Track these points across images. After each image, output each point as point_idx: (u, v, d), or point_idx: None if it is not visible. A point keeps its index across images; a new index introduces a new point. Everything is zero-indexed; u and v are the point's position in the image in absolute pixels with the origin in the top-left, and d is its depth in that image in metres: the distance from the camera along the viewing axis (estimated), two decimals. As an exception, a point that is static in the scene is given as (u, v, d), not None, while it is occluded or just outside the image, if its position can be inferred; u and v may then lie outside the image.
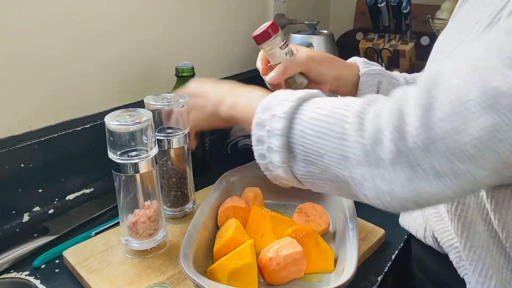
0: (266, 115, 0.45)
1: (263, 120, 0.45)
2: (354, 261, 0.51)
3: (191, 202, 0.71)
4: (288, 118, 0.43)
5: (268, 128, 0.44)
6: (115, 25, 0.81)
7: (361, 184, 0.39)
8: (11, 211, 0.70)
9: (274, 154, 0.44)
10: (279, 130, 0.43)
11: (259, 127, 0.46)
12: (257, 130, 0.46)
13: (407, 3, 1.13)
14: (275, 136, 0.43)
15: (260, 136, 0.45)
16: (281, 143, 0.43)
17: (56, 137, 0.73)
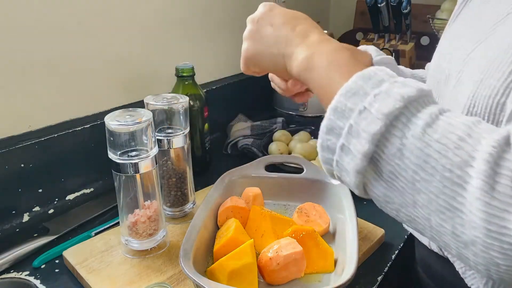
0: (353, 104, 0.34)
1: (347, 108, 0.35)
2: (354, 261, 0.51)
3: (191, 202, 0.71)
4: (387, 123, 0.33)
5: (352, 123, 0.34)
6: (115, 25, 0.81)
7: (466, 245, 0.31)
8: (11, 211, 0.70)
9: (350, 157, 0.35)
10: (369, 134, 0.33)
11: (338, 114, 0.35)
12: (334, 117, 0.35)
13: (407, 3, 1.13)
14: (361, 138, 0.33)
15: (336, 127, 0.35)
16: (366, 150, 0.33)
17: (56, 137, 0.73)
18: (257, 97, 1.19)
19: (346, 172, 0.36)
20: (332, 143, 0.36)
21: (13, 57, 0.68)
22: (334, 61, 0.41)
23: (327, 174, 0.40)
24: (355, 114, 0.34)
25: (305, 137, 0.96)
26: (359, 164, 0.34)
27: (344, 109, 0.35)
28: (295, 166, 0.78)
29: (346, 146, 0.35)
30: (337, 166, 0.37)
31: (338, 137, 0.35)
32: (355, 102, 0.34)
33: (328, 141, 0.36)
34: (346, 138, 0.35)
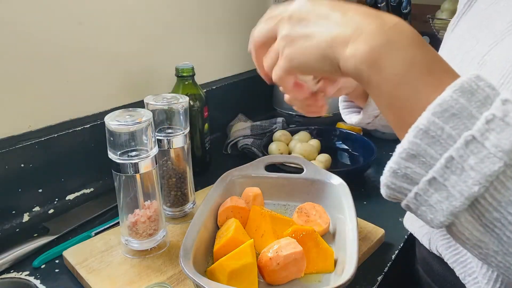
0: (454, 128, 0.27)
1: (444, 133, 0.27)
2: (354, 261, 0.51)
3: (191, 202, 0.71)
4: (508, 163, 0.26)
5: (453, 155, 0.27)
6: (115, 25, 0.81)
7: None
8: (11, 211, 0.70)
9: (443, 196, 0.28)
10: (481, 175, 0.26)
11: (428, 138, 0.28)
12: (422, 142, 0.28)
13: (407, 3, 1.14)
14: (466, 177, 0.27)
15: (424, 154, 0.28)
16: (473, 194, 0.27)
17: (56, 137, 0.73)
18: (257, 97, 1.19)
19: (431, 209, 0.29)
20: (414, 173, 0.29)
21: (13, 57, 0.68)
22: (414, 61, 0.30)
23: (386, 197, 0.32)
24: (458, 144, 0.27)
25: (305, 137, 0.96)
26: (457, 206, 0.27)
27: (440, 134, 0.27)
28: (295, 166, 0.78)
29: (440, 182, 0.28)
30: (416, 199, 0.30)
31: (427, 168, 0.28)
32: (457, 127, 0.27)
33: (408, 169, 0.29)
34: (441, 172, 0.27)
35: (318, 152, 0.92)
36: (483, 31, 0.50)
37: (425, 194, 0.29)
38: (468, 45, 0.50)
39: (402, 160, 0.29)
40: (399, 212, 0.73)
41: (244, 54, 1.17)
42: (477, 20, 0.53)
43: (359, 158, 0.94)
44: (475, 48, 0.48)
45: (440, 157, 0.27)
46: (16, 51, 0.68)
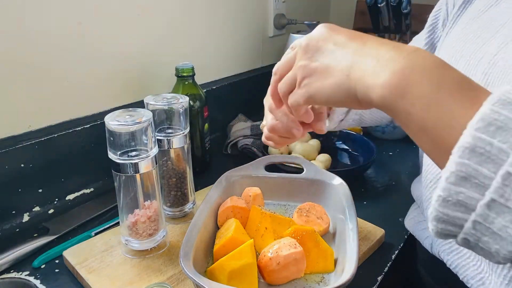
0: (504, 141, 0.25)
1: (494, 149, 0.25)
2: (354, 261, 0.51)
3: (191, 202, 0.71)
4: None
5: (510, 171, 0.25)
6: (115, 25, 0.81)
7: None
8: (11, 211, 0.70)
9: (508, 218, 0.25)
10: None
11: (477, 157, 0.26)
12: (473, 162, 0.26)
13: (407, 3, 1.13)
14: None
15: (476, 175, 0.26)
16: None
17: (56, 137, 0.73)
18: (257, 97, 1.19)
19: (496, 237, 0.26)
20: (469, 198, 0.26)
21: (13, 57, 0.68)
22: (442, 81, 0.28)
23: (435, 236, 0.29)
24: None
25: (305, 137, 0.96)
26: None
27: (490, 150, 0.25)
28: (295, 166, 0.78)
29: (501, 203, 0.25)
30: (474, 229, 0.27)
31: (482, 190, 0.25)
32: (506, 140, 0.25)
33: (460, 194, 0.26)
34: (500, 192, 0.25)
35: (318, 152, 0.92)
36: (489, 32, 0.49)
37: (486, 221, 0.26)
38: (473, 46, 0.50)
39: (452, 185, 0.26)
40: (399, 212, 0.73)
41: (245, 54, 1.17)
42: (478, 22, 0.53)
43: (359, 158, 0.94)
44: (482, 49, 0.48)
45: (495, 175, 0.25)
46: (16, 51, 0.68)
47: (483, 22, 0.52)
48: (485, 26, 0.51)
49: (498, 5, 0.51)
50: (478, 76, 0.47)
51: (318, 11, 1.49)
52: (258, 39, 1.21)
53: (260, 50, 1.23)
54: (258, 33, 1.21)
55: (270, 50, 1.27)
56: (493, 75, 0.45)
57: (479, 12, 0.54)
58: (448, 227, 0.28)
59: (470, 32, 0.53)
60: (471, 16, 0.55)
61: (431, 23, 0.66)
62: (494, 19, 0.50)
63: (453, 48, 0.54)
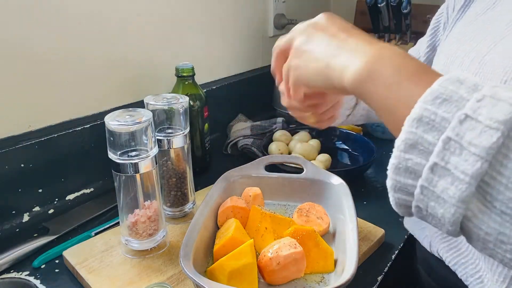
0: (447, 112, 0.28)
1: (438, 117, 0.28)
2: (354, 261, 0.51)
3: (191, 202, 0.71)
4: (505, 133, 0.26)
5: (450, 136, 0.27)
6: (115, 25, 0.81)
7: None
8: (11, 211, 0.70)
9: (448, 181, 0.27)
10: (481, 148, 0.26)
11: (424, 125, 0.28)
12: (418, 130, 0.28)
13: (407, 3, 1.14)
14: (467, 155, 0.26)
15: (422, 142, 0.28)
16: (477, 171, 0.26)
17: (56, 137, 0.73)
18: (257, 97, 1.19)
19: (440, 201, 0.28)
20: (416, 164, 0.28)
21: (13, 57, 0.68)
22: (405, 66, 0.33)
23: (395, 207, 0.32)
24: (453, 124, 0.27)
25: (305, 137, 0.96)
26: (464, 188, 0.26)
27: (434, 119, 0.27)
28: (295, 166, 0.78)
29: (442, 166, 0.27)
30: (422, 193, 0.29)
31: (426, 155, 0.28)
32: (449, 110, 0.27)
33: (409, 161, 0.29)
34: (441, 155, 0.27)
35: (318, 152, 0.92)
36: (482, 33, 0.50)
37: (431, 185, 0.28)
38: (467, 48, 0.51)
39: (402, 152, 0.29)
40: (399, 212, 0.73)
41: (245, 54, 1.17)
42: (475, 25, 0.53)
43: (359, 158, 0.94)
44: (475, 50, 0.49)
45: (437, 141, 0.27)
46: (16, 51, 0.68)
47: (478, 24, 0.53)
48: (480, 28, 0.52)
49: (494, 9, 0.52)
50: None
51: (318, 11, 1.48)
52: (258, 39, 1.21)
53: (260, 50, 1.23)
54: (258, 33, 1.21)
55: (270, 50, 1.26)
56: (483, 74, 0.46)
57: (476, 15, 0.54)
58: (403, 196, 0.30)
59: (466, 34, 0.54)
60: (468, 19, 0.56)
61: (433, 26, 0.67)
62: (489, 22, 0.51)
63: (450, 49, 0.55)
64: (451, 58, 0.53)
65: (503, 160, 0.26)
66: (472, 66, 0.48)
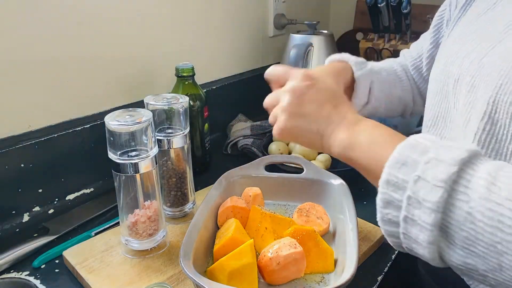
0: (405, 175, 0.34)
1: (399, 180, 0.35)
2: (354, 261, 0.51)
3: (191, 202, 0.71)
4: (448, 189, 0.32)
5: (410, 194, 0.34)
6: (115, 25, 0.81)
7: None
8: (11, 211, 0.70)
9: (417, 229, 0.34)
10: (432, 204, 0.32)
11: (391, 186, 0.35)
12: (388, 190, 0.35)
13: (407, 3, 1.13)
14: (425, 209, 0.33)
15: (393, 200, 0.35)
16: (434, 220, 0.32)
17: (56, 137, 0.73)
18: (257, 97, 1.18)
19: (417, 244, 0.35)
20: (394, 216, 0.36)
21: (13, 57, 0.68)
22: (375, 137, 0.42)
23: (395, 247, 0.39)
24: (410, 184, 0.34)
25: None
26: (429, 234, 0.33)
27: (397, 181, 0.35)
28: (295, 166, 0.78)
29: (410, 217, 0.34)
30: (405, 238, 0.36)
31: (398, 209, 0.35)
32: (407, 172, 0.34)
33: (388, 214, 0.36)
34: (407, 209, 0.34)
35: (318, 152, 0.92)
36: (482, 34, 0.51)
37: (407, 231, 0.35)
38: (467, 49, 0.51)
39: (381, 208, 0.36)
40: (399, 212, 0.73)
41: (245, 54, 1.17)
42: (475, 25, 0.53)
43: (359, 158, 0.94)
44: (475, 51, 0.49)
45: (403, 198, 0.34)
46: (16, 51, 0.68)
47: (479, 25, 0.53)
48: (481, 29, 0.52)
49: (494, 9, 0.52)
50: (467, 79, 0.49)
51: (318, 11, 1.49)
52: (258, 39, 1.21)
53: (260, 50, 1.23)
54: (258, 33, 1.21)
55: (270, 50, 1.27)
56: (479, 78, 0.47)
57: (477, 15, 0.54)
58: (391, 238, 0.38)
59: (466, 34, 0.54)
60: (469, 19, 0.56)
61: (436, 23, 0.67)
62: (489, 22, 0.51)
63: (451, 50, 0.55)
64: (451, 59, 0.54)
65: (452, 208, 0.32)
66: (471, 67, 0.48)
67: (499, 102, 0.43)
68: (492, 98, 0.43)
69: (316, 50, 1.10)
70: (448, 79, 0.53)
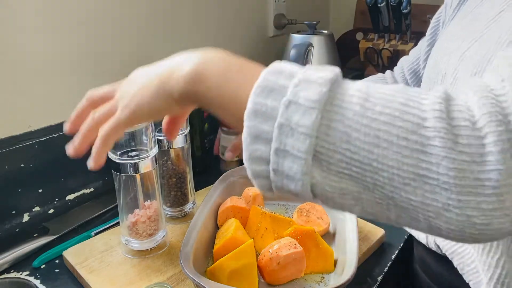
0: (274, 100, 0.31)
1: (269, 108, 0.31)
2: (354, 261, 0.51)
3: (191, 202, 0.71)
4: (321, 109, 0.30)
5: (281, 121, 0.30)
6: (115, 25, 0.81)
7: (438, 213, 0.29)
8: (11, 211, 0.70)
9: (290, 160, 0.30)
10: (307, 128, 0.29)
11: (259, 117, 0.31)
12: (256, 122, 0.31)
13: (407, 3, 1.13)
14: (298, 134, 0.30)
15: (262, 132, 0.31)
16: (308, 145, 0.29)
17: (56, 137, 0.73)
18: (257, 97, 1.19)
19: (289, 178, 0.31)
20: (263, 152, 0.31)
21: (13, 57, 0.68)
22: (230, 64, 0.36)
23: (262, 191, 0.35)
24: (281, 111, 0.30)
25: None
26: (303, 163, 0.30)
27: (266, 110, 0.31)
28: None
29: (282, 149, 0.30)
30: (275, 175, 0.32)
31: (268, 142, 0.31)
32: (276, 98, 0.31)
33: (257, 151, 0.32)
34: (279, 140, 0.30)
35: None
36: (468, 30, 0.52)
37: (279, 166, 0.31)
38: (455, 44, 0.53)
39: (249, 145, 0.32)
40: (399, 212, 0.73)
41: (244, 54, 1.17)
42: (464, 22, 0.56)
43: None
44: (460, 46, 0.51)
45: (273, 128, 0.30)
46: (16, 51, 0.68)
47: (467, 21, 0.55)
48: (468, 25, 0.54)
49: (481, 5, 0.54)
50: (451, 71, 0.51)
51: (318, 11, 1.49)
52: (258, 39, 1.21)
53: (260, 50, 1.23)
54: (258, 33, 1.21)
55: (270, 50, 1.27)
56: (459, 71, 0.49)
57: (467, 12, 0.56)
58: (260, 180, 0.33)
59: (456, 31, 0.56)
60: (460, 17, 0.58)
61: (433, 25, 0.68)
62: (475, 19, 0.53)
63: (441, 46, 0.57)
64: (440, 55, 0.55)
65: (327, 130, 0.29)
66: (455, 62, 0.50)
67: None
68: None
69: (316, 50, 1.10)
70: (437, 76, 0.55)
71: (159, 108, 0.40)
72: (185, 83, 0.36)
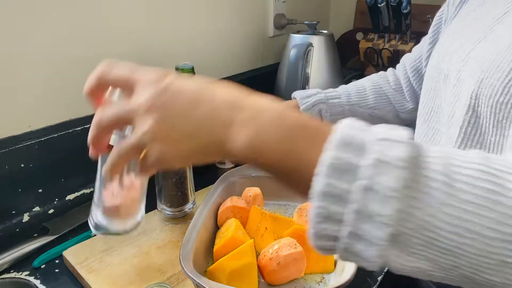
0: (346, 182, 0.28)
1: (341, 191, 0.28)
2: (354, 261, 0.51)
3: (191, 202, 0.71)
4: (402, 198, 0.27)
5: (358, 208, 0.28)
6: (114, 26, 0.81)
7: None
8: (11, 211, 0.70)
9: (364, 244, 0.29)
10: (385, 217, 0.27)
11: (330, 199, 0.28)
12: (326, 203, 0.28)
13: (407, 3, 1.13)
14: (376, 223, 0.28)
15: (333, 213, 0.29)
16: (386, 235, 0.28)
17: (56, 137, 0.73)
18: (257, 97, 1.19)
19: (361, 257, 0.30)
20: (333, 231, 0.29)
21: (13, 57, 0.68)
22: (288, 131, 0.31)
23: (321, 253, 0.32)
24: (357, 196, 0.28)
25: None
26: (379, 249, 0.28)
27: (338, 192, 0.28)
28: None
29: (356, 233, 0.28)
30: (346, 253, 0.30)
31: (339, 223, 0.29)
32: (349, 180, 0.28)
33: (326, 230, 0.29)
34: (353, 224, 0.28)
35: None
36: (470, 30, 0.52)
37: (351, 247, 0.29)
38: (457, 44, 0.53)
39: (317, 224, 0.29)
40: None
41: (244, 54, 1.17)
42: (466, 21, 0.55)
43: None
44: (463, 46, 0.51)
45: (346, 212, 0.28)
46: (16, 51, 0.68)
47: (469, 20, 0.54)
48: (470, 25, 0.53)
49: (484, 5, 0.53)
50: (454, 73, 0.50)
51: (318, 11, 1.49)
52: (258, 39, 1.21)
53: (260, 50, 1.23)
54: (258, 33, 1.21)
55: (270, 50, 1.27)
56: (465, 72, 0.48)
57: (469, 11, 0.56)
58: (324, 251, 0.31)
59: (458, 30, 0.55)
60: (462, 15, 0.58)
61: (436, 23, 0.68)
62: (478, 18, 0.52)
63: (443, 46, 0.57)
64: (442, 55, 0.55)
65: (408, 218, 0.28)
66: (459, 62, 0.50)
67: (481, 96, 0.44)
68: (474, 92, 0.45)
69: (316, 50, 1.10)
70: (439, 75, 0.54)
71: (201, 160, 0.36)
72: (241, 156, 0.33)
